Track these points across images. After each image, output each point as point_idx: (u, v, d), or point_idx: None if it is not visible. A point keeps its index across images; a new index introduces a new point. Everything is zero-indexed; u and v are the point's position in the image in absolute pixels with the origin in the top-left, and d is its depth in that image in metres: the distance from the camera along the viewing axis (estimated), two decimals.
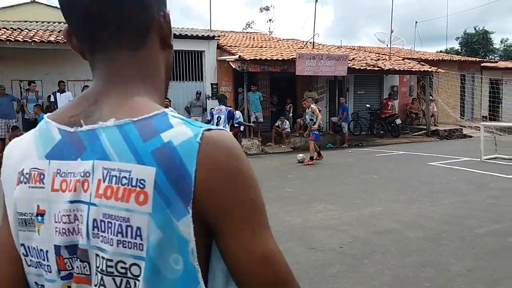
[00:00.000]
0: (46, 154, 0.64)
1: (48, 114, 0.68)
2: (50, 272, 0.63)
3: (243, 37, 18.86)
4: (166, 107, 0.70)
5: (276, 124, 13.63)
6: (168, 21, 0.71)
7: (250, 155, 11.61)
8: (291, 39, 19.44)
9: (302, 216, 5.28)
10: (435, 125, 16.97)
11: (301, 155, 10.08)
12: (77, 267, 0.61)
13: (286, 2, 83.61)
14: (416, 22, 19.20)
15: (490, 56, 34.43)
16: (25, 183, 0.64)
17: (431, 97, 17.15)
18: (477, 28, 37.78)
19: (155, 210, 0.56)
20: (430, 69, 15.99)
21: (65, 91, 11.16)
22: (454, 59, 20.51)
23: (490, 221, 4.90)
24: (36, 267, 0.65)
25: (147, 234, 0.57)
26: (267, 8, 31.96)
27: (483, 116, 19.15)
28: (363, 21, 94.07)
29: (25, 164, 0.65)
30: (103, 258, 0.58)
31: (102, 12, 0.63)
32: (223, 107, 8.89)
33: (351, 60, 14.42)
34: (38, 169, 0.64)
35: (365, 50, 20.06)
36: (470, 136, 15.23)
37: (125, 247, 0.57)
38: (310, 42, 16.13)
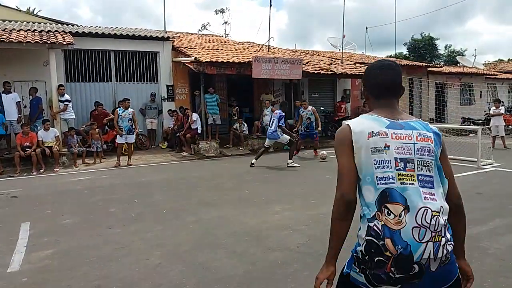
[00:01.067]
0: (386, 126, 1.68)
1: (371, 112, 1.79)
2: (391, 167, 1.62)
3: (199, 39, 18.77)
4: (127, 108, 5.68)
5: (234, 127, 13.68)
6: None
7: (208, 157, 11.58)
8: (246, 42, 19.58)
9: (260, 217, 5.35)
10: None
11: (323, 152, 10.79)
12: (406, 165, 1.63)
13: (241, 5, 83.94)
14: (366, 28, 19.92)
15: (436, 61, 36.38)
16: (376, 136, 1.65)
17: None
18: (423, 34, 39.79)
19: (435, 145, 1.68)
20: None
21: (10, 92, 10.62)
22: (403, 64, 21.50)
23: None
24: (382, 168, 1.63)
25: (435, 152, 1.67)
26: (222, 11, 32.01)
27: (430, 119, 20.18)
28: (316, 25, 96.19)
29: (373, 129, 1.66)
30: (420, 160, 1.64)
31: (393, 84, 1.80)
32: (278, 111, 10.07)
33: (305, 64, 14.73)
34: (383, 131, 1.65)
35: (318, 54, 20.58)
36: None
37: (428, 156, 1.66)
38: (266, 46, 16.32)
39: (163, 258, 3.99)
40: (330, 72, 15.13)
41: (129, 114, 10.23)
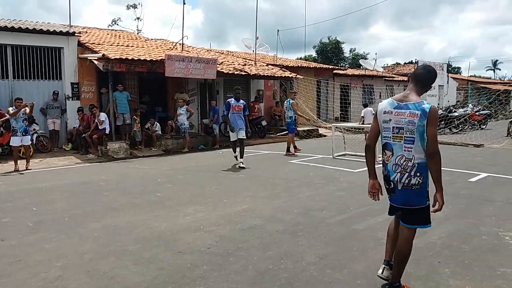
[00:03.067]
0: (393, 107, 2.98)
1: (390, 98, 3.08)
2: (390, 132, 2.99)
3: (108, 34, 17.83)
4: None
5: (146, 126, 13.25)
6: None
7: (117, 159, 11.07)
8: (160, 40, 19.07)
9: (171, 220, 5.26)
10: (296, 126, 18.46)
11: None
12: (399, 131, 2.93)
13: (156, 1, 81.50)
14: (278, 30, 20.61)
15: (341, 64, 38.86)
16: (386, 113, 3.00)
17: None
18: (330, 38, 42.27)
19: (419, 118, 2.85)
20: (290, 75, 17.36)
21: None
22: (311, 66, 22.62)
23: (338, 211, 5.57)
24: (385, 131, 3.03)
25: (417, 123, 2.85)
26: (134, 6, 30.83)
27: (335, 117, 21.55)
28: (232, 25, 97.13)
29: (385, 109, 3.01)
30: (407, 127, 2.89)
31: (422, 78, 3.06)
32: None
33: (220, 64, 14.79)
34: (390, 111, 2.98)
35: (233, 55, 20.79)
36: (325, 136, 16.99)
37: (411, 125, 2.88)
38: (180, 44, 16.06)
39: (64, 269, 3.74)
40: (244, 73, 15.37)
41: (23, 114, 9.37)
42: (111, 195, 6.81)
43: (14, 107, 9.49)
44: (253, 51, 18.58)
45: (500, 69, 67.17)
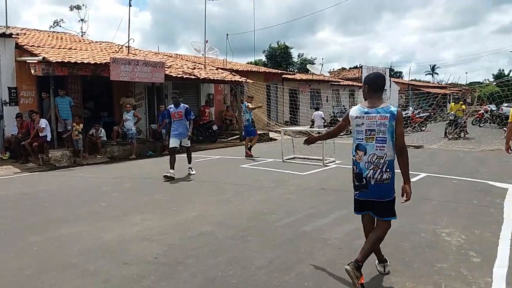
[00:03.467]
0: (364, 112, 3.42)
1: (359, 105, 3.54)
2: (363, 134, 3.43)
3: (49, 36, 17.01)
4: None
5: (90, 133, 12.73)
6: None
7: (60, 168, 10.56)
8: (105, 42, 18.48)
9: (116, 230, 5.10)
10: None
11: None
12: (371, 133, 3.38)
13: (101, 2, 78.72)
14: (227, 34, 20.64)
15: (290, 69, 39.61)
16: (358, 118, 3.44)
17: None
18: (279, 43, 42.96)
19: (389, 120, 3.32)
20: (240, 79, 17.44)
21: None
22: (261, 71, 22.88)
23: (286, 214, 5.67)
24: (358, 134, 3.46)
25: (388, 124, 3.32)
26: (78, 7, 29.61)
27: (285, 121, 21.91)
28: (181, 28, 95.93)
29: (357, 114, 3.45)
30: (379, 129, 3.34)
31: (381, 85, 3.52)
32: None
33: (168, 68, 14.58)
34: (362, 116, 3.42)
35: (182, 58, 20.56)
36: (275, 139, 17.22)
37: (383, 127, 3.34)
38: (126, 47, 15.64)
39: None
40: (193, 77, 15.25)
41: None
42: (52, 206, 6.48)
43: None
44: (203, 54, 18.49)
45: (437, 74, 71.44)
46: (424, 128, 20.77)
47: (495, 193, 6.74)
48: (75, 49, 14.48)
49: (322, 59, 56.20)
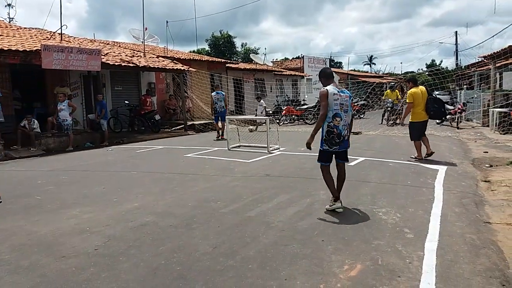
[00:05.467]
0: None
1: (329, 86, 5.02)
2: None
3: None
4: None
5: (22, 124, 11.90)
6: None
7: None
8: (35, 29, 17.26)
9: (53, 224, 4.83)
10: (191, 120, 18.33)
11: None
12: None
13: None
14: (167, 22, 20.14)
15: (234, 58, 39.49)
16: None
17: (186, 94, 18.40)
18: (222, 32, 42.61)
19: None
20: (182, 68, 17.10)
21: None
22: (204, 59, 22.59)
23: (232, 201, 5.68)
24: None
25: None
26: None
27: (231, 111, 21.83)
28: (120, 15, 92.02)
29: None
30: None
31: (332, 73, 5.35)
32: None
33: (104, 55, 13.94)
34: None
35: (120, 46, 19.76)
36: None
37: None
38: (58, 33, 14.72)
39: None
40: (132, 65, 14.72)
41: None
42: None
43: None
44: (142, 42, 17.87)
45: (375, 64, 74.78)
46: (362, 116, 21.66)
47: (428, 174, 7.21)
48: (1, 35, 13.39)
49: (265, 49, 56.67)
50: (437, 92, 26.33)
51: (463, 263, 3.52)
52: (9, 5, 26.60)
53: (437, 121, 16.82)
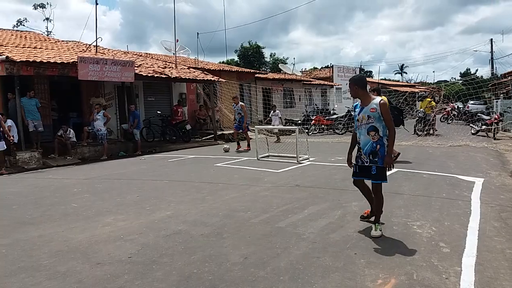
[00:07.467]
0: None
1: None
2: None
3: (13, 35, 16.44)
4: None
5: (59, 133, 12.39)
6: None
7: (29, 170, 10.22)
8: (72, 41, 18.01)
9: (88, 231, 4.97)
10: (221, 130, 18.51)
11: (225, 146, 13.23)
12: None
13: (67, 1, 76.60)
14: (198, 34, 20.46)
15: (263, 68, 39.74)
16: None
17: (216, 104, 18.64)
18: (251, 43, 43.03)
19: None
20: (213, 78, 17.35)
21: None
22: (233, 70, 22.84)
23: (262, 210, 5.68)
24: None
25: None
26: (42, 6, 28.75)
27: (259, 120, 21.95)
28: (152, 27, 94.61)
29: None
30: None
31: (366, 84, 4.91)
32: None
33: (137, 67, 14.34)
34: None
35: (152, 57, 20.29)
36: (250, 138, 17.22)
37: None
38: (93, 46, 15.28)
39: None
40: (164, 76, 15.06)
41: None
42: (21, 208, 6.26)
43: None
44: (174, 53, 18.28)
45: (406, 73, 73.41)
46: None
47: (463, 186, 6.98)
48: (40, 48, 14.05)
49: (294, 58, 56.78)
50: (471, 102, 25.53)
51: (503, 280, 3.37)
52: (47, 19, 27.97)
53: (472, 131, 16.30)
